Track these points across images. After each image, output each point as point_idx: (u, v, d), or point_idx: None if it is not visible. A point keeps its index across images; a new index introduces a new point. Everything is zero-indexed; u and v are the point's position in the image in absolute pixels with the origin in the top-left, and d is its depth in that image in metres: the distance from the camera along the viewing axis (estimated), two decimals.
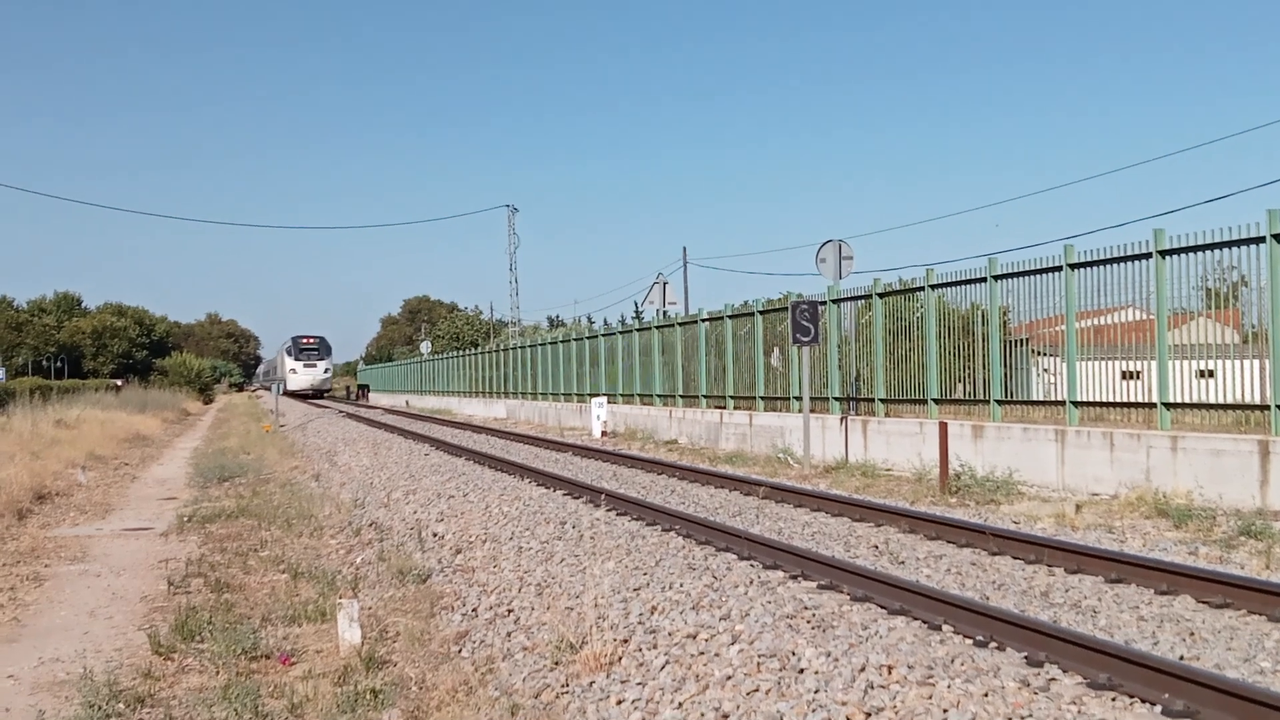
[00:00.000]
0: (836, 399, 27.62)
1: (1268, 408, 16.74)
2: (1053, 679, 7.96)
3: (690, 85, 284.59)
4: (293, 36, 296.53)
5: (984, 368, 22.76)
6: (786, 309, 28.08)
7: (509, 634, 10.39)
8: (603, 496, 18.59)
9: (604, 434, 39.68)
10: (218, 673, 9.45)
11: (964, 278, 23.49)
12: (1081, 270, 20.24)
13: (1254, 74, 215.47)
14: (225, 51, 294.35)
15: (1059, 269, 20.63)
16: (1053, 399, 21.28)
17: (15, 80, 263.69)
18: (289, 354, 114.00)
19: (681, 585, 11.58)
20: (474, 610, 11.48)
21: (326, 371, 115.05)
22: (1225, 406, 17.65)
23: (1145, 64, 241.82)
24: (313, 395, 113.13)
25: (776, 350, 31.03)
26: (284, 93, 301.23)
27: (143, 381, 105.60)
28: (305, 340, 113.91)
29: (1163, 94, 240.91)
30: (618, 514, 17.51)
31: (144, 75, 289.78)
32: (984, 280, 22.68)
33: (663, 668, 8.68)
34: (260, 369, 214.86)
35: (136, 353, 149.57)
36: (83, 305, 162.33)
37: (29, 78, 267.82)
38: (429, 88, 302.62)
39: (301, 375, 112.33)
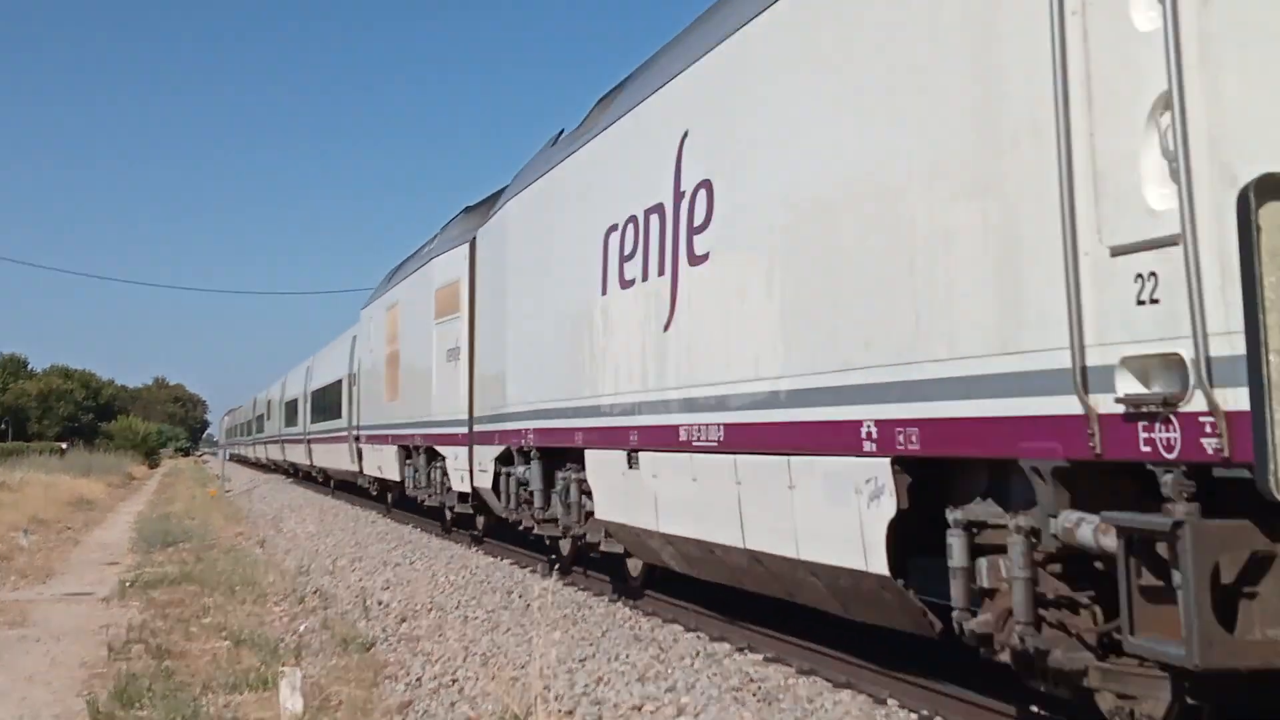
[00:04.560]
0: None
1: None
2: None
3: None
4: (248, 96, 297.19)
5: None
6: None
7: (453, 704, 10.32)
8: (550, 565, 18.50)
9: None
10: None
11: None
12: None
13: None
14: (175, 108, 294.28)
15: None
16: None
17: None
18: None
19: (628, 656, 11.57)
20: (418, 679, 11.40)
21: None
22: None
23: None
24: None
25: None
26: (237, 153, 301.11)
27: (88, 445, 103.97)
28: None
29: None
30: (565, 583, 17.46)
31: (89, 132, 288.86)
32: None
33: None
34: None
35: (82, 416, 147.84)
36: (29, 368, 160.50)
37: None
38: (386, 150, 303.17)
39: None
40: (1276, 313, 4.96)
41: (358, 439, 34.06)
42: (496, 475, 18.42)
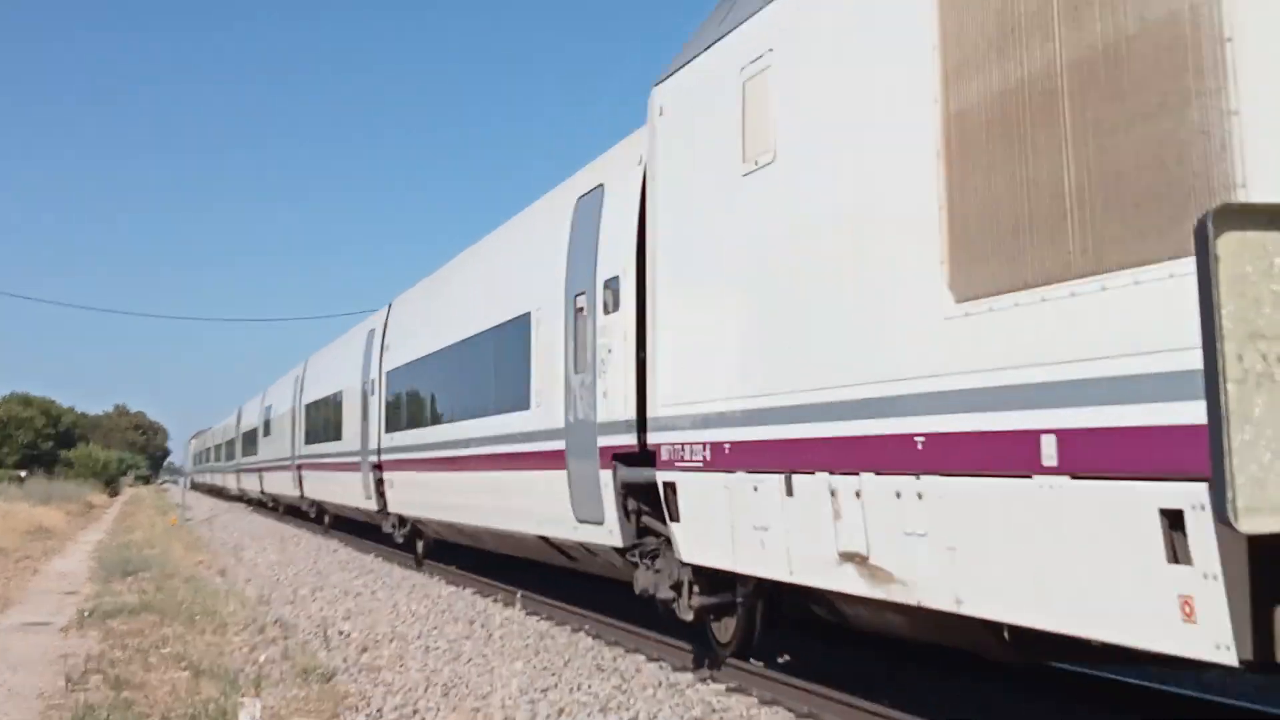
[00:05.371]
0: None
1: None
2: None
3: None
4: (209, 120, 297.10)
5: None
6: None
7: None
8: (517, 595, 18.46)
9: None
10: None
11: None
12: None
13: None
14: (135, 131, 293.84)
15: None
16: None
17: None
18: None
19: (590, 686, 11.54)
20: (379, 711, 11.32)
21: None
22: None
23: None
24: None
25: None
26: (199, 179, 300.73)
27: (48, 473, 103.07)
28: None
29: None
30: (528, 613, 17.40)
31: (47, 158, 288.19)
32: None
33: None
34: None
35: (42, 443, 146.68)
36: None
37: None
38: (352, 183, 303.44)
39: None
40: (1234, 341, 4.99)
41: (657, 459, 11.96)
42: None
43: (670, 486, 11.39)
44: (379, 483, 26.79)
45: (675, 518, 11.43)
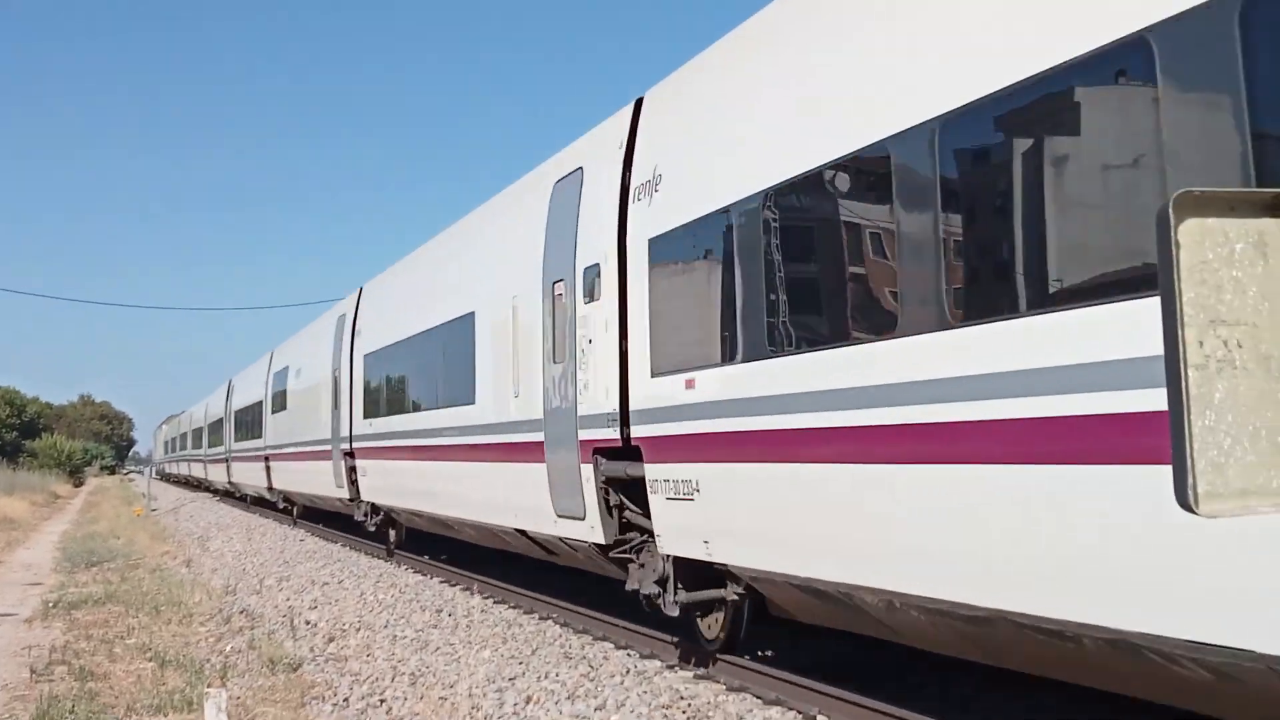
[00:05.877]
0: None
1: None
2: None
3: None
4: (181, 105, 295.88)
5: None
6: None
7: None
8: (478, 584, 18.47)
9: None
10: None
11: None
12: None
13: None
14: (100, 115, 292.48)
15: None
16: None
17: None
18: None
19: (557, 674, 11.54)
20: (345, 700, 11.31)
21: None
22: None
23: None
24: None
25: None
26: (163, 161, 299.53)
27: (12, 463, 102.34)
28: None
29: None
30: (495, 601, 17.40)
31: (24, 148, 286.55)
32: None
33: None
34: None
35: (6, 434, 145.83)
36: None
37: None
38: (316, 166, 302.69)
39: None
40: (1194, 328, 5.00)
41: None
42: None
43: None
44: (607, 490, 12.47)
45: None
